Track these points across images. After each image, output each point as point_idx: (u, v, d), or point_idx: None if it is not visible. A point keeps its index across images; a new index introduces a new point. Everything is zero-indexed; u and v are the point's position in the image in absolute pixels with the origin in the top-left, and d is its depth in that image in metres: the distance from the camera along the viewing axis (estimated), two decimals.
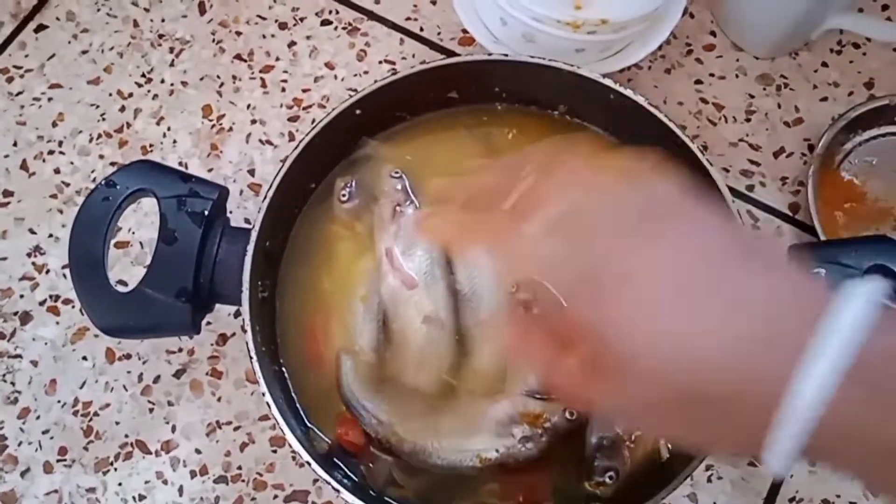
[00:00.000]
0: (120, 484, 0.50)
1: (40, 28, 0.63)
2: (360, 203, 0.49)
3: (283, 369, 0.47)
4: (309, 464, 0.40)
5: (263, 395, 0.41)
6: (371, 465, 0.44)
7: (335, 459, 0.44)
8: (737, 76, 0.59)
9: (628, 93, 0.47)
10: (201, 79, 0.61)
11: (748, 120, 0.58)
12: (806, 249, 0.46)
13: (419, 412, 0.44)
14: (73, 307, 0.55)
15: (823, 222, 0.52)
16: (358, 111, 0.48)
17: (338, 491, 0.40)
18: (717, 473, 0.49)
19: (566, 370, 0.30)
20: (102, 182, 0.45)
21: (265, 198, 0.45)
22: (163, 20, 0.63)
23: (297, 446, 0.41)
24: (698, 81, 0.59)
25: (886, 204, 0.55)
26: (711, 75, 0.59)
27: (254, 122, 0.59)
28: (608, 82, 0.47)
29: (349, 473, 0.44)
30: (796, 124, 0.58)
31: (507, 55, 0.49)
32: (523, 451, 0.43)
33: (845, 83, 0.59)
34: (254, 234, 0.44)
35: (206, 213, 0.45)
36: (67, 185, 0.58)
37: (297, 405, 0.46)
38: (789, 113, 0.58)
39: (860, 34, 0.59)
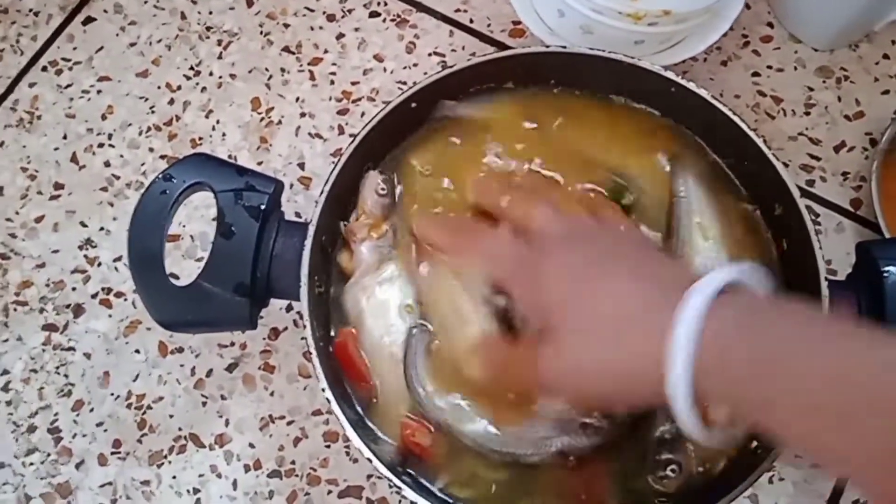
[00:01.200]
0: (174, 477, 0.50)
1: (88, 20, 0.63)
2: (390, 202, 0.48)
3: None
4: (370, 460, 0.40)
5: (323, 390, 0.41)
6: (434, 464, 0.43)
7: (394, 458, 0.43)
8: (795, 68, 0.58)
9: (691, 86, 0.46)
10: (250, 71, 0.61)
11: (807, 113, 0.57)
12: (873, 247, 0.45)
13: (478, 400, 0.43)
14: (126, 300, 0.55)
15: (888, 219, 0.51)
16: (413, 104, 0.47)
17: (399, 489, 0.40)
18: (778, 475, 0.48)
19: (516, 355, 0.39)
20: (160, 176, 0.45)
21: (322, 192, 0.45)
22: (210, 12, 0.63)
23: (357, 443, 0.40)
24: (755, 74, 0.58)
25: None
26: (769, 67, 0.58)
27: (303, 115, 0.59)
28: (670, 75, 0.46)
29: (408, 471, 0.43)
30: (857, 118, 0.57)
31: (565, 47, 0.48)
32: (585, 442, 0.42)
33: None
34: (311, 229, 0.44)
35: (263, 207, 0.45)
36: (118, 177, 0.58)
37: (355, 401, 0.45)
38: (850, 106, 0.57)
39: None
